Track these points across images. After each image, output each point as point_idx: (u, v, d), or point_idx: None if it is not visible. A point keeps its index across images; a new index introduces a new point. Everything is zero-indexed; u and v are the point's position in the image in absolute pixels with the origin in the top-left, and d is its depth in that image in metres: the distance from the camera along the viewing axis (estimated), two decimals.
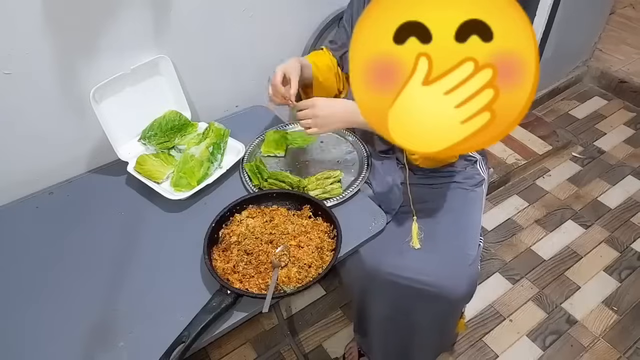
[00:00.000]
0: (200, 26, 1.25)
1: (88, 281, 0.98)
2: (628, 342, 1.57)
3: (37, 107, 1.11)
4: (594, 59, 2.73)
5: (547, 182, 2.16)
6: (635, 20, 3.06)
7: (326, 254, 0.98)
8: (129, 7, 1.10)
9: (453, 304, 1.11)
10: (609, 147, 2.32)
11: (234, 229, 1.03)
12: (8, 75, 1.03)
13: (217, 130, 1.26)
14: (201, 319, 0.86)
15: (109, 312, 0.92)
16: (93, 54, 1.12)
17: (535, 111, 2.52)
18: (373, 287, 1.14)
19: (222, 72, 1.38)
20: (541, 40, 2.14)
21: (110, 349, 0.86)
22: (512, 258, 1.84)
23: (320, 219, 1.06)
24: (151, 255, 1.04)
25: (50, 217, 1.13)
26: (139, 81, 1.21)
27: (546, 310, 1.67)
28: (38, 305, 0.95)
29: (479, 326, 1.62)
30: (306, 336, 1.61)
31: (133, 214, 1.13)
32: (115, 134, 1.18)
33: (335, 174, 1.17)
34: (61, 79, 1.10)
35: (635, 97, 2.56)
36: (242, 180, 1.20)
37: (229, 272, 0.94)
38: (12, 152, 1.14)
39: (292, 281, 0.93)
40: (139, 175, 1.16)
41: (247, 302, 0.92)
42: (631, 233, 1.92)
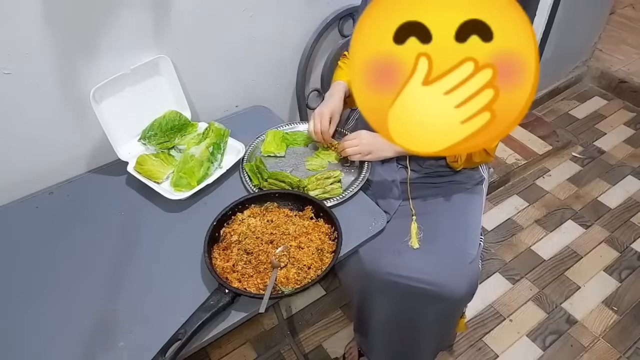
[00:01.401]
0: (200, 26, 1.25)
1: (88, 281, 0.98)
2: (628, 342, 1.57)
3: (37, 107, 1.11)
4: (594, 59, 2.73)
5: (547, 182, 2.16)
6: (635, 20, 3.06)
7: (326, 256, 0.98)
8: (129, 7, 1.10)
9: (453, 303, 1.11)
10: (609, 147, 2.32)
11: (235, 228, 1.03)
12: (8, 75, 1.03)
13: (217, 130, 1.26)
14: (198, 316, 0.86)
15: (109, 312, 0.92)
16: (93, 54, 1.12)
17: (535, 111, 2.52)
18: (372, 287, 1.14)
19: (222, 72, 1.38)
20: (541, 40, 2.14)
21: (110, 349, 0.86)
22: (512, 258, 1.84)
23: (322, 220, 1.06)
24: (151, 255, 1.04)
25: (50, 217, 1.13)
26: (139, 81, 1.21)
27: (546, 310, 1.67)
28: (38, 305, 0.95)
29: (479, 326, 1.62)
30: (306, 336, 1.61)
31: (133, 214, 1.13)
32: (115, 134, 1.18)
33: (335, 174, 1.17)
34: (61, 79, 1.10)
35: (635, 97, 2.56)
36: (242, 180, 1.20)
37: (228, 271, 0.94)
38: (12, 152, 1.14)
39: (290, 282, 0.93)
40: (139, 175, 1.16)
41: (246, 302, 0.92)
42: (631, 233, 1.92)
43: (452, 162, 1.18)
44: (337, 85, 1.28)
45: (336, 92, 1.25)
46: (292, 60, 1.52)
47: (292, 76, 1.55)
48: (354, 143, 1.17)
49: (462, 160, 1.15)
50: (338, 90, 1.26)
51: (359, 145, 1.16)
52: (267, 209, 1.08)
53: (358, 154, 1.17)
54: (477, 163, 1.21)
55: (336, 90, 1.26)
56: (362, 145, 1.16)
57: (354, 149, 1.16)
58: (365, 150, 1.16)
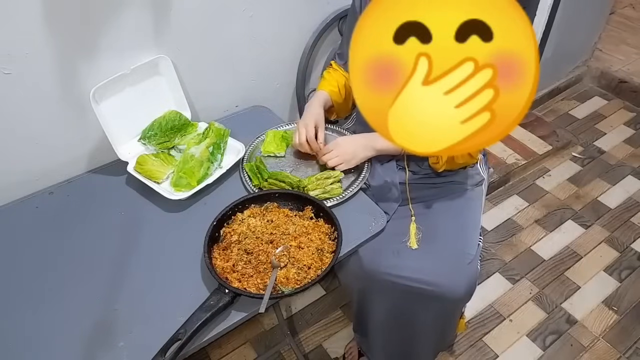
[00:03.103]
0: (200, 26, 1.25)
1: (88, 281, 0.98)
2: (628, 342, 1.57)
3: (37, 107, 1.11)
4: (594, 59, 2.73)
5: (547, 182, 2.16)
6: (635, 20, 3.06)
7: (326, 256, 0.98)
8: (129, 7, 1.10)
9: (452, 303, 1.11)
10: (609, 147, 2.32)
11: (236, 227, 1.03)
12: (8, 75, 1.03)
13: (217, 130, 1.26)
14: (198, 316, 0.86)
15: (109, 312, 0.92)
16: (93, 54, 1.12)
17: (535, 111, 2.52)
18: (372, 288, 1.14)
19: (222, 72, 1.38)
20: (541, 40, 2.14)
21: (110, 349, 0.86)
22: (512, 258, 1.84)
23: (322, 220, 1.05)
24: (151, 255, 1.04)
25: (50, 217, 1.13)
26: (139, 81, 1.21)
27: (546, 310, 1.67)
28: (38, 305, 0.95)
29: (479, 326, 1.62)
30: (306, 336, 1.61)
31: (133, 214, 1.13)
32: (115, 134, 1.18)
33: (335, 174, 1.17)
34: (61, 79, 1.10)
35: (635, 97, 2.56)
36: (242, 180, 1.20)
37: (228, 270, 0.94)
38: (12, 152, 1.14)
39: (290, 282, 0.92)
40: (139, 175, 1.16)
41: (245, 302, 0.92)
42: (631, 233, 1.92)
43: (433, 164, 1.17)
44: (317, 95, 1.28)
45: (316, 102, 1.25)
46: (292, 60, 1.52)
47: (292, 76, 1.55)
48: (332, 155, 1.17)
49: (442, 162, 1.14)
50: (318, 99, 1.26)
51: (339, 154, 1.16)
52: (267, 209, 1.08)
53: (341, 164, 1.16)
54: (459, 165, 1.20)
55: (315, 101, 1.25)
56: (342, 154, 1.16)
57: (335, 159, 1.16)
58: (346, 158, 1.16)
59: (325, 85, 1.31)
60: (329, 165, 1.17)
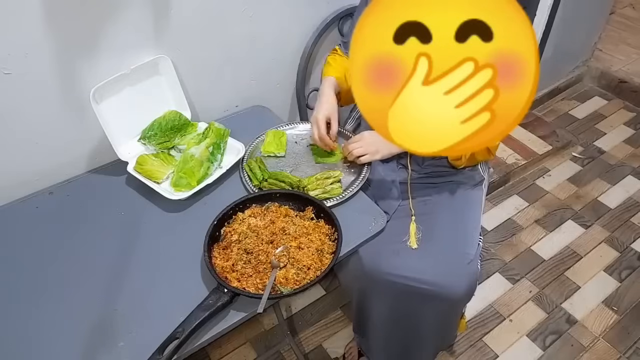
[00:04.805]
0: (200, 26, 1.25)
1: (88, 281, 0.98)
2: (628, 342, 1.57)
3: (37, 107, 1.11)
4: (594, 59, 2.73)
5: (547, 182, 2.16)
6: (635, 20, 3.06)
7: (326, 257, 0.98)
8: (129, 7, 1.10)
9: (452, 303, 1.11)
10: (609, 147, 2.32)
11: (236, 227, 1.03)
12: (8, 75, 1.03)
13: (217, 130, 1.26)
14: (196, 315, 0.86)
15: (109, 312, 0.92)
16: (93, 54, 1.12)
17: (535, 111, 2.52)
18: (371, 288, 1.14)
19: (222, 72, 1.38)
20: (541, 40, 2.14)
21: (110, 349, 0.86)
22: (512, 258, 1.84)
23: (322, 220, 1.05)
24: (151, 255, 1.04)
25: (50, 217, 1.13)
26: (139, 81, 1.21)
27: (546, 310, 1.66)
28: (38, 305, 0.95)
29: (479, 326, 1.62)
30: (306, 336, 1.61)
31: (133, 214, 1.13)
32: (115, 134, 1.18)
33: (335, 174, 1.17)
34: (61, 79, 1.10)
35: (635, 97, 2.56)
36: (242, 180, 1.20)
37: (228, 270, 0.94)
38: (12, 152, 1.14)
39: (289, 282, 0.92)
40: (139, 175, 1.16)
41: (245, 302, 0.92)
42: (631, 233, 1.92)
43: (454, 161, 1.17)
44: (326, 82, 1.26)
45: (327, 90, 1.23)
46: (292, 60, 1.52)
47: (292, 76, 1.55)
48: (358, 145, 1.17)
49: (465, 159, 1.15)
50: (329, 87, 1.24)
51: (364, 146, 1.16)
52: (268, 209, 1.08)
53: (366, 155, 1.16)
54: (479, 161, 1.21)
55: (326, 87, 1.24)
56: (367, 145, 1.16)
57: (359, 150, 1.16)
58: (371, 149, 1.16)
59: (332, 72, 1.29)
60: (354, 155, 1.17)
